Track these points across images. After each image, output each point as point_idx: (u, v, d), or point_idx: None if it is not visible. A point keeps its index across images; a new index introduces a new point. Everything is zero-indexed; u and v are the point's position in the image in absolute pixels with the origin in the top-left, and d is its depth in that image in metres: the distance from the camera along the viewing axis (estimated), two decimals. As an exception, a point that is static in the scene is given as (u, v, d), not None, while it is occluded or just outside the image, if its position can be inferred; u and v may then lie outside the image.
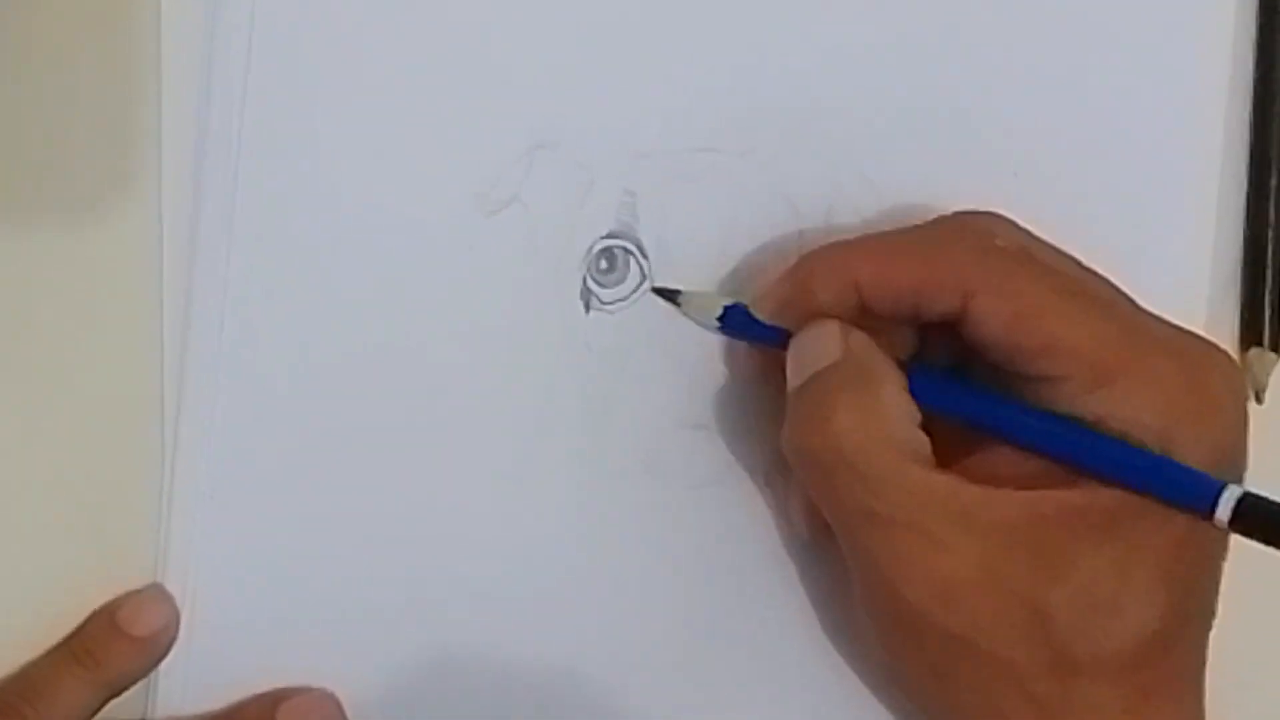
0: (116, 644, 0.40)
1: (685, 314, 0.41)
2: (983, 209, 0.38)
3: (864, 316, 0.38)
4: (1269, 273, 0.43)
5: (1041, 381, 0.36)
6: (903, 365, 0.38)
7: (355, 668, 0.41)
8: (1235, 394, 0.37)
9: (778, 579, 0.42)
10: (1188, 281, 0.43)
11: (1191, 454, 0.35)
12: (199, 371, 0.41)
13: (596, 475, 0.42)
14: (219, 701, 0.41)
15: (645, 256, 0.42)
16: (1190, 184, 0.43)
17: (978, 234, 0.37)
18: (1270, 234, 0.43)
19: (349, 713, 0.41)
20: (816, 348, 0.38)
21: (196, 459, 0.41)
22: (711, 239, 0.42)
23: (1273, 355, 0.43)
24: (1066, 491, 0.35)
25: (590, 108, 0.42)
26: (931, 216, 0.39)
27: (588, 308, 0.42)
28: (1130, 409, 0.35)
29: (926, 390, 0.37)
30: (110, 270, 0.41)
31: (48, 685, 0.39)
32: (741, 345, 0.41)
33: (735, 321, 0.40)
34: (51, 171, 0.41)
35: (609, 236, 0.42)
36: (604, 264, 0.42)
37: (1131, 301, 0.37)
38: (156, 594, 0.41)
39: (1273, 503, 0.34)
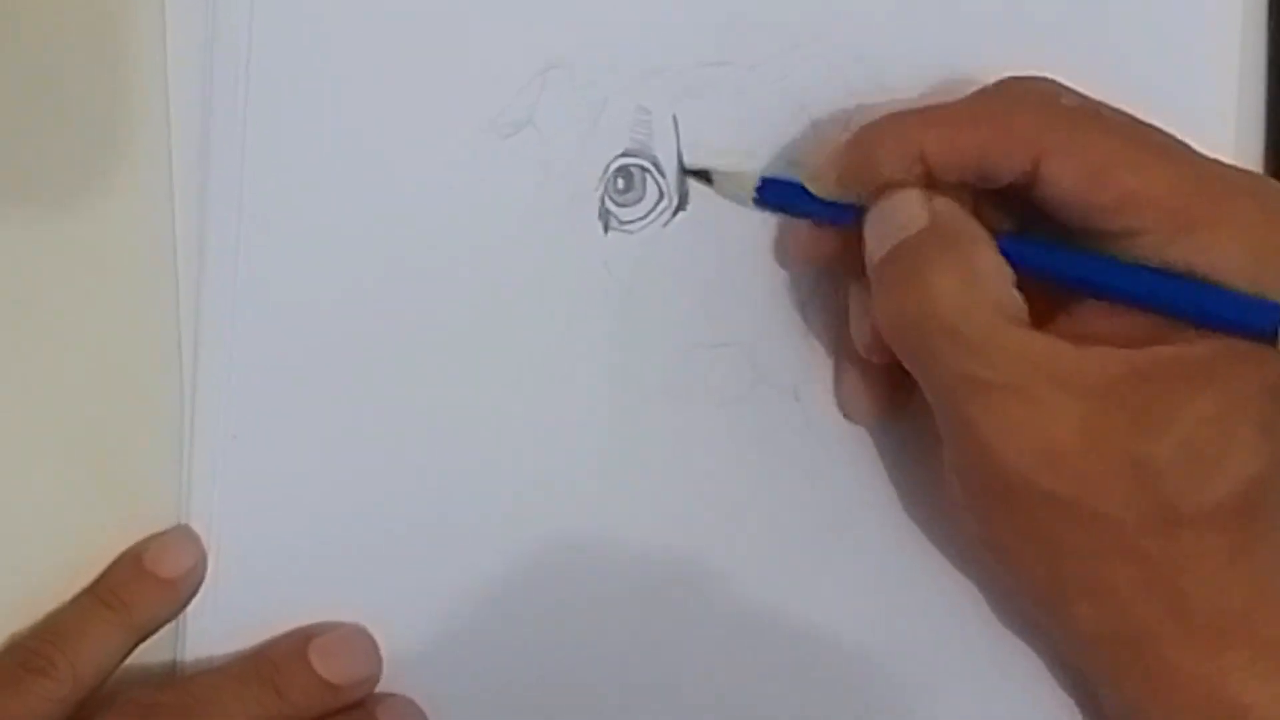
0: (144, 587, 0.40)
1: (720, 194, 0.41)
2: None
3: (930, 186, 0.37)
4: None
5: (1121, 236, 0.36)
6: None
7: (385, 600, 0.41)
8: None
9: (808, 494, 0.42)
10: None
11: None
12: (216, 310, 0.40)
13: (622, 397, 0.41)
14: (249, 641, 0.40)
15: (662, 174, 0.41)
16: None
17: (1042, 95, 0.37)
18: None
19: (381, 645, 0.40)
20: (900, 215, 0.37)
21: (217, 400, 0.41)
22: (728, 152, 0.41)
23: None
24: (1162, 346, 0.35)
25: (600, 26, 0.41)
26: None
27: (606, 228, 0.41)
28: (1215, 254, 0.35)
29: (1016, 252, 0.37)
30: (126, 215, 0.41)
31: (77, 630, 0.39)
32: (778, 234, 0.41)
33: (773, 196, 0.40)
34: (69, 122, 0.41)
35: (625, 155, 0.41)
36: (621, 183, 0.41)
37: (1196, 151, 0.37)
38: (183, 535, 0.40)
39: None
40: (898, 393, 0.40)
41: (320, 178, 0.41)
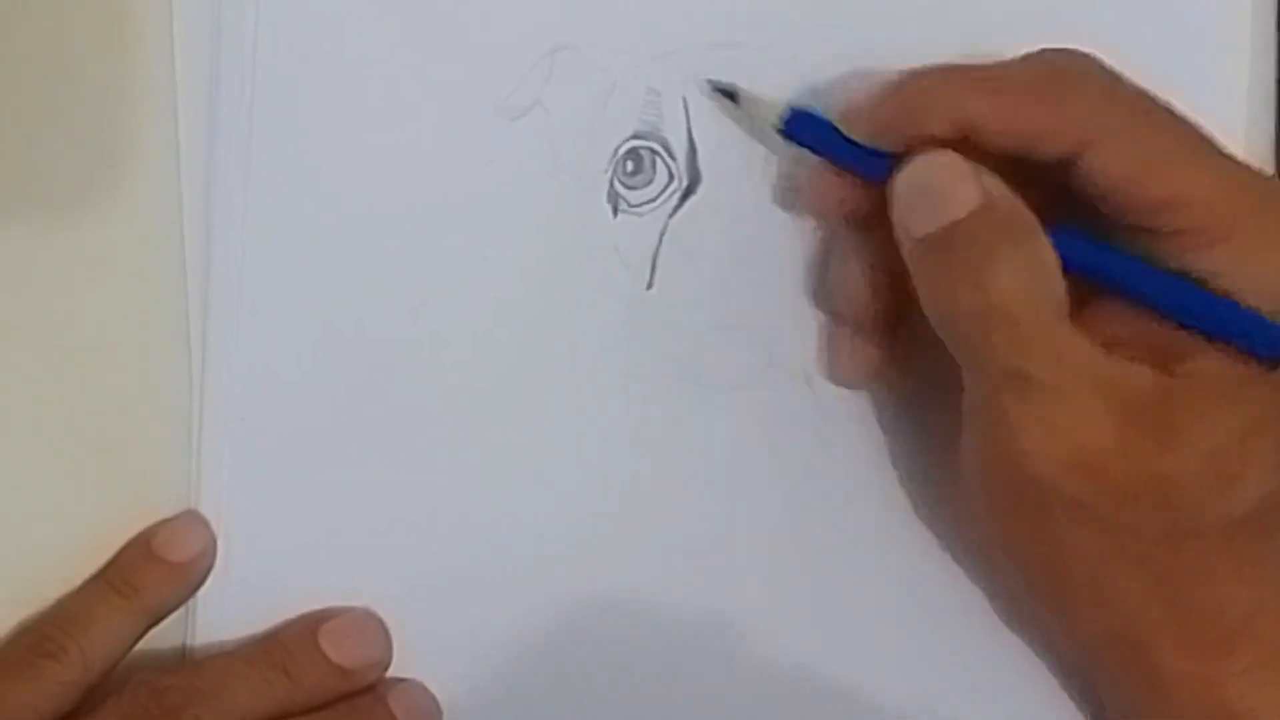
0: (154, 571, 0.40)
1: (743, 116, 0.40)
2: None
3: (964, 148, 0.36)
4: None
5: (1156, 234, 0.36)
6: None
7: (395, 584, 0.41)
8: None
9: (821, 480, 0.42)
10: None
11: None
12: (224, 294, 0.40)
13: (633, 381, 0.41)
14: (259, 625, 0.40)
15: (672, 156, 0.41)
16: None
17: (1097, 76, 0.37)
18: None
19: (391, 629, 0.40)
20: (948, 189, 0.36)
21: (226, 384, 0.40)
22: (738, 134, 0.41)
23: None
24: (1190, 364, 0.35)
25: (609, 7, 0.41)
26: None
27: (616, 211, 0.41)
28: (1249, 265, 0.35)
29: (1064, 244, 0.36)
30: (133, 200, 0.40)
31: (87, 616, 0.39)
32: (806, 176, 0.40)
33: (801, 129, 0.39)
34: (79, 107, 0.41)
35: (634, 138, 0.41)
36: (631, 166, 0.41)
37: (1233, 155, 0.37)
38: (192, 520, 0.40)
39: None
40: (882, 353, 0.40)
41: (328, 162, 0.40)
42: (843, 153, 0.38)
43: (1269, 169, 0.42)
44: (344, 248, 0.41)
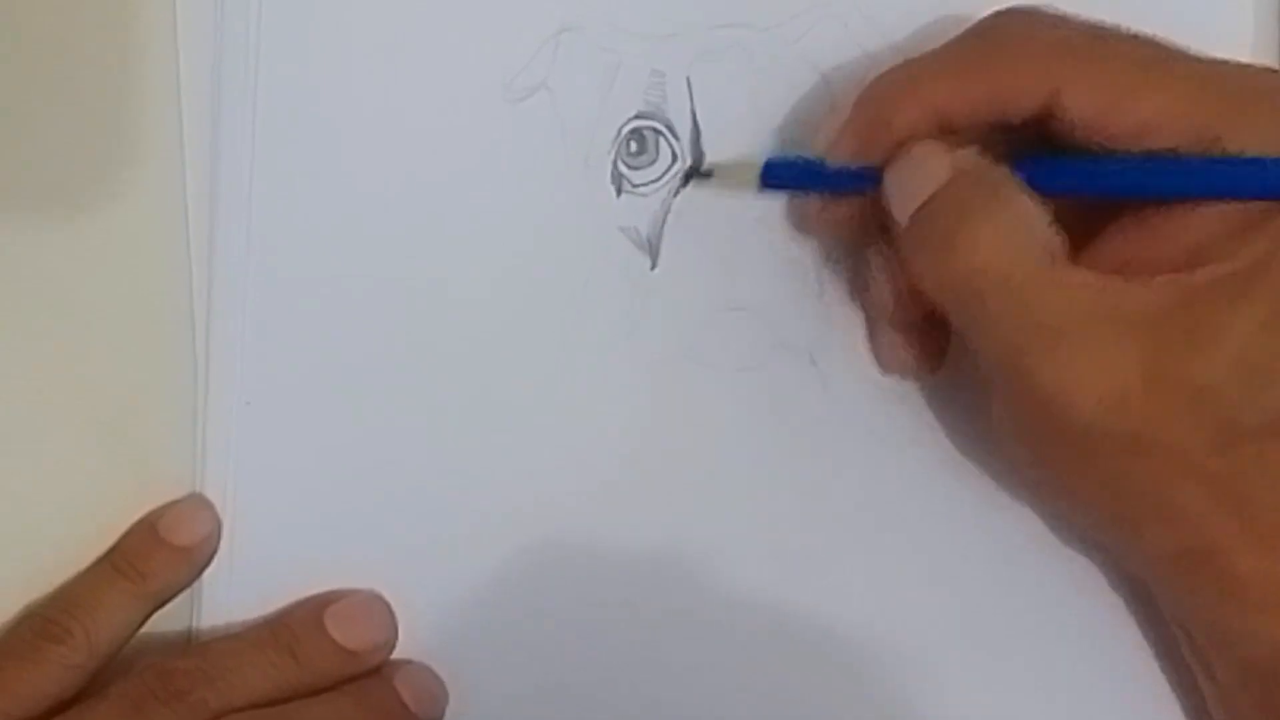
0: (159, 555, 0.40)
1: (724, 188, 0.41)
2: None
3: (943, 134, 0.37)
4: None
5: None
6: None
7: (401, 566, 0.40)
8: None
9: (827, 460, 0.42)
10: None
11: None
12: (229, 277, 0.40)
13: (636, 361, 0.41)
14: (264, 608, 0.40)
15: (676, 137, 0.41)
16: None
17: (1047, 27, 0.37)
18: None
19: (397, 612, 0.40)
20: (923, 171, 0.37)
21: (231, 367, 0.40)
22: (742, 115, 0.41)
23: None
24: (1201, 268, 0.35)
25: (613, -13, 0.41)
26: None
27: (619, 191, 0.41)
28: None
29: (1041, 177, 0.36)
30: (138, 183, 0.40)
31: (92, 599, 0.39)
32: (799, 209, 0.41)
33: (780, 177, 0.40)
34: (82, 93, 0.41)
35: (638, 118, 0.41)
36: (634, 146, 0.41)
37: (1189, 52, 0.37)
38: (197, 503, 0.40)
39: None
40: (936, 344, 0.40)
41: (333, 144, 0.40)
42: (827, 183, 0.39)
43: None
44: (349, 230, 0.40)
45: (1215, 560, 0.36)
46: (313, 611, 0.40)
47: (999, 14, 0.38)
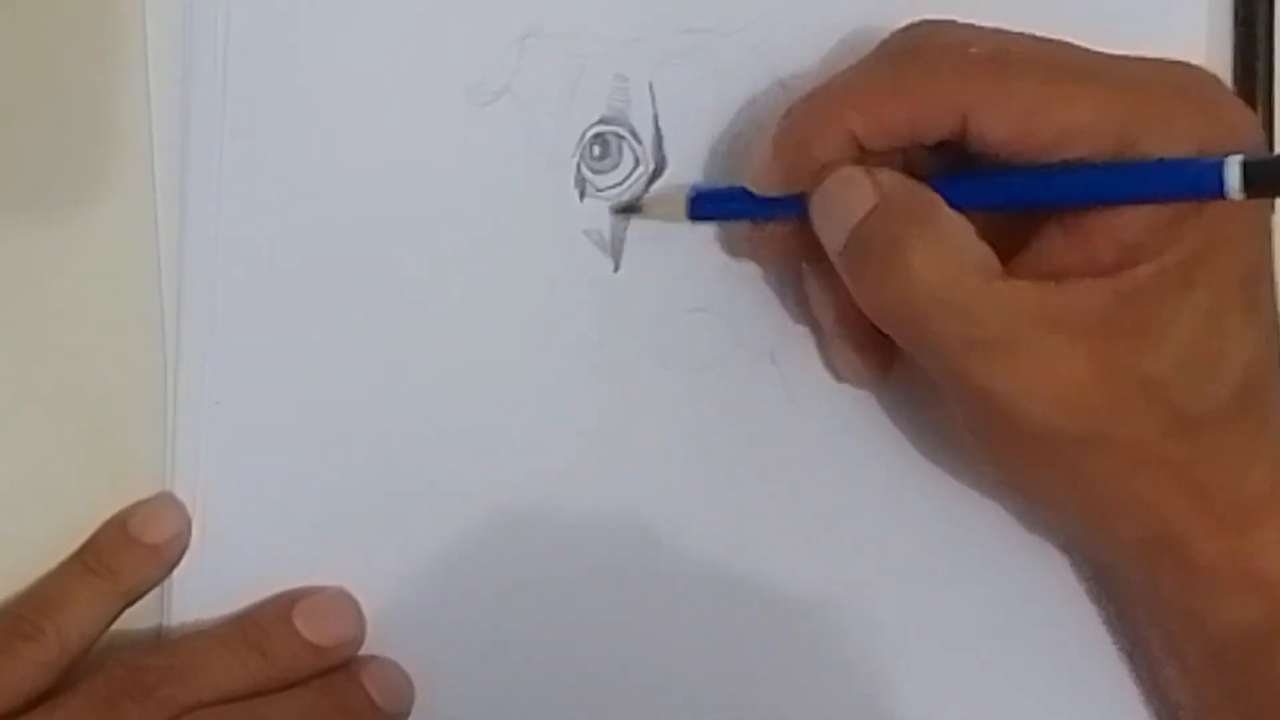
0: (129, 553, 0.40)
1: (652, 218, 0.41)
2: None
3: (861, 158, 0.37)
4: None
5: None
6: None
7: (368, 563, 0.41)
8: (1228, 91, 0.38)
9: (786, 458, 0.42)
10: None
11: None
12: (198, 277, 0.41)
13: (600, 362, 0.42)
14: (234, 606, 0.41)
15: (639, 141, 0.41)
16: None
17: (951, 48, 0.37)
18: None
19: (364, 608, 0.41)
20: (847, 198, 0.37)
21: (200, 366, 0.41)
22: (704, 120, 0.42)
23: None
24: (1136, 267, 0.35)
25: (578, -7, 0.41)
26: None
27: (583, 195, 0.42)
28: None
29: (962, 195, 0.37)
30: (107, 184, 0.41)
31: (63, 597, 0.39)
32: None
33: (707, 207, 0.41)
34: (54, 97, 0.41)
35: (601, 123, 0.41)
36: (597, 150, 0.41)
37: (1097, 53, 0.37)
38: (167, 501, 0.41)
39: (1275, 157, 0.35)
40: (885, 352, 0.40)
41: (301, 146, 0.41)
42: (753, 209, 0.39)
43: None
44: (317, 232, 0.41)
45: (1178, 546, 0.36)
46: (281, 608, 0.40)
47: (907, 32, 0.38)
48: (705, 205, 0.41)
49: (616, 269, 0.42)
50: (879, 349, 0.40)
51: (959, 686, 0.42)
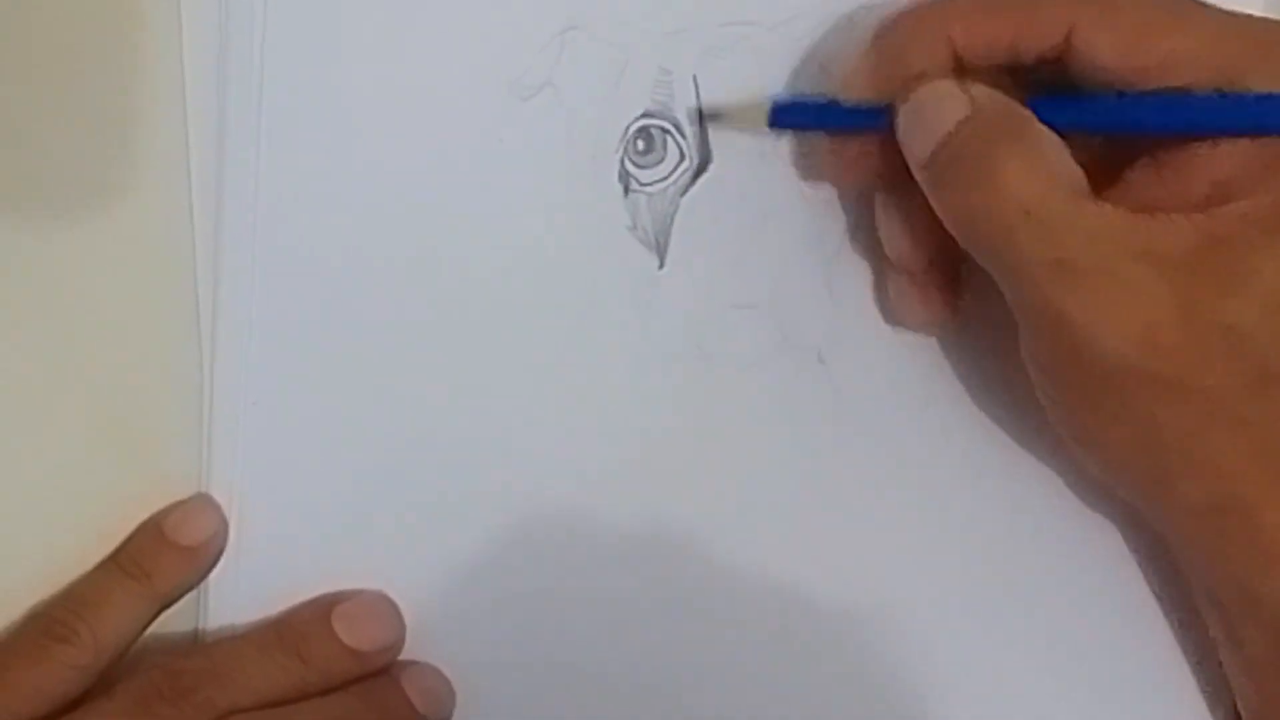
0: (165, 555, 0.40)
1: (735, 128, 0.40)
2: None
3: (958, 73, 0.37)
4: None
5: None
6: None
7: (407, 567, 0.40)
8: None
9: (835, 458, 0.41)
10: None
11: None
12: (235, 277, 0.40)
13: (645, 360, 0.41)
14: (271, 609, 0.40)
15: (683, 135, 0.41)
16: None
17: None
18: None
19: (404, 612, 0.40)
20: (940, 108, 0.36)
21: (237, 367, 0.40)
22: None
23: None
24: (1229, 205, 0.35)
25: (620, -14, 0.41)
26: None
27: (627, 190, 0.41)
28: None
29: (1057, 116, 0.36)
30: (143, 182, 0.40)
31: (99, 599, 0.39)
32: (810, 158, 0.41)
33: (790, 115, 0.40)
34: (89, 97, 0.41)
35: (645, 116, 0.41)
36: (641, 145, 0.41)
37: (1227, 10, 0.37)
38: (203, 503, 0.40)
39: None
40: (949, 293, 0.40)
41: (336, 144, 0.40)
42: (837, 120, 0.39)
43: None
44: (353, 231, 0.40)
45: (1248, 518, 0.35)
46: (319, 612, 0.40)
47: None
48: (787, 114, 0.40)
49: (662, 265, 0.41)
50: (944, 289, 0.39)
51: (1014, 694, 0.41)
